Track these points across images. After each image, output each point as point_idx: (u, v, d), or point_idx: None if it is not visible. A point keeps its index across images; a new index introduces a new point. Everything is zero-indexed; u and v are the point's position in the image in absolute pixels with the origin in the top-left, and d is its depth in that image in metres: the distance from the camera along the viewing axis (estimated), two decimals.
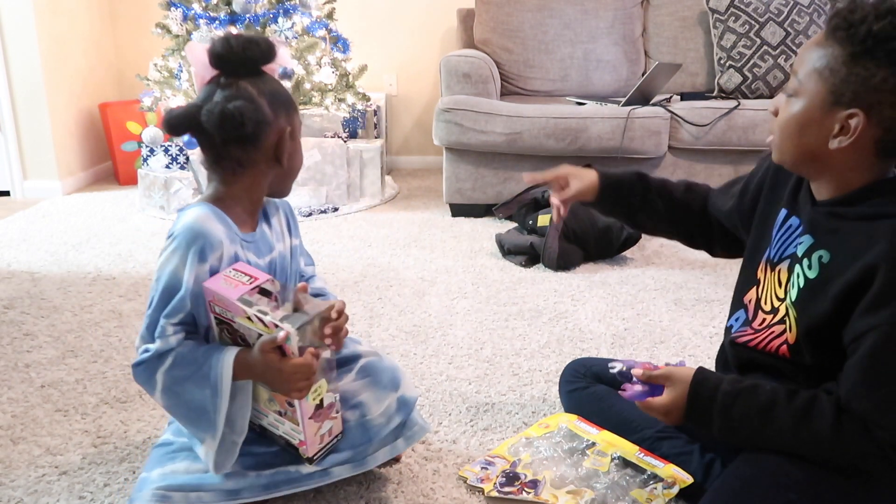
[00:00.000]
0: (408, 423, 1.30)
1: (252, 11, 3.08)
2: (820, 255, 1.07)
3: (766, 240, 1.21)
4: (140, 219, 3.11)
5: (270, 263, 1.26)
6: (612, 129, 2.93)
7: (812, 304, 1.07)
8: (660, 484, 1.23)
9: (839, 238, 1.05)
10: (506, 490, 1.27)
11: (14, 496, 1.30)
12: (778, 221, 1.19)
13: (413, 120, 4.17)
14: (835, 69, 0.99)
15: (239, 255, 1.18)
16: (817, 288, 1.06)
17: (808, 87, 1.03)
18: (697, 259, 2.59)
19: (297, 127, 1.22)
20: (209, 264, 1.12)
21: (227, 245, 1.14)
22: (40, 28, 3.38)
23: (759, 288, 1.20)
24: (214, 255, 1.13)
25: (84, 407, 1.59)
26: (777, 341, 1.14)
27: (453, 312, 2.12)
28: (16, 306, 2.15)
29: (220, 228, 1.14)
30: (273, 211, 1.30)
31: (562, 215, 1.40)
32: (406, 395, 1.30)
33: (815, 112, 1.02)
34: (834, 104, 1.00)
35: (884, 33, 0.95)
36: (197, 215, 1.13)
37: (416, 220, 3.11)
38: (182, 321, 1.13)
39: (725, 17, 3.37)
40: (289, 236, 1.33)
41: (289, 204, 1.36)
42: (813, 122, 1.03)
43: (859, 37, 0.97)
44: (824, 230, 1.08)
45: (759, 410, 1.07)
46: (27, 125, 3.46)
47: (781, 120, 1.07)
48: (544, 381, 1.71)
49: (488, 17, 3.60)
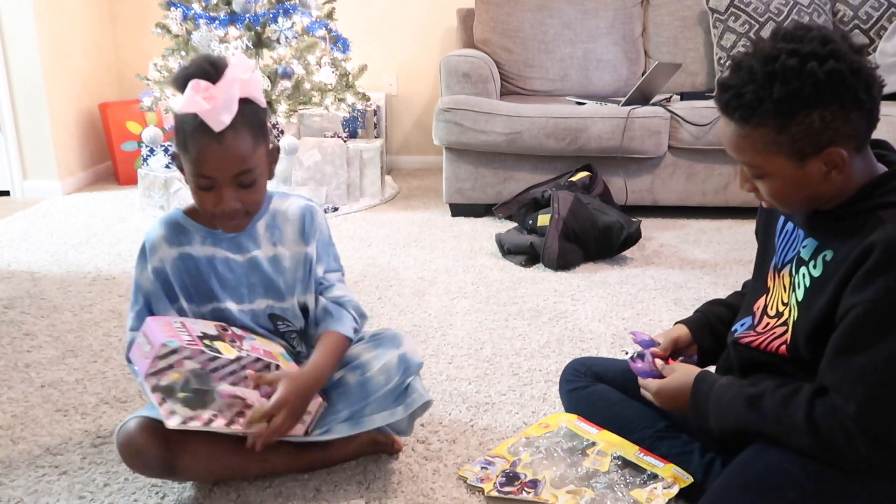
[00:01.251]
0: (408, 389, 1.31)
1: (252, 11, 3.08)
2: (825, 255, 1.08)
3: (771, 250, 1.22)
4: (140, 219, 3.11)
5: (249, 261, 1.31)
6: (612, 129, 2.93)
7: (815, 301, 1.07)
8: (660, 484, 1.23)
9: (842, 237, 1.06)
10: (506, 490, 1.27)
11: (14, 496, 1.30)
12: (777, 229, 1.21)
13: (413, 120, 4.17)
14: (776, 141, 1.00)
15: (210, 255, 1.29)
16: (821, 285, 1.07)
17: (767, 167, 1.04)
18: (697, 259, 2.59)
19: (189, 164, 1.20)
20: (150, 265, 1.28)
21: (166, 249, 1.28)
22: (40, 28, 3.38)
23: (767, 296, 1.21)
24: (155, 257, 1.28)
25: (84, 407, 1.59)
26: (777, 342, 1.15)
27: (453, 312, 2.12)
28: (16, 306, 2.15)
29: (163, 234, 1.28)
30: (270, 218, 1.32)
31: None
32: (407, 354, 1.33)
33: (794, 174, 1.03)
34: (803, 160, 1.01)
35: (786, 95, 0.97)
36: (152, 224, 1.31)
37: (416, 219, 3.11)
38: (138, 313, 1.28)
39: (725, 16, 3.37)
40: (299, 244, 1.33)
41: (310, 211, 1.35)
42: (800, 181, 1.04)
43: (771, 111, 0.98)
44: (827, 232, 1.09)
45: (747, 398, 1.09)
46: (27, 125, 3.46)
47: (771, 193, 1.07)
48: (544, 380, 1.71)
49: (488, 17, 3.60)
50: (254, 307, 1.33)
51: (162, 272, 1.28)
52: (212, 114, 1.14)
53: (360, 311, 1.39)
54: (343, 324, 1.34)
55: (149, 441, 1.19)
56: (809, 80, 0.96)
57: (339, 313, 1.35)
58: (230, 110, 1.15)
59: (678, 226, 3.00)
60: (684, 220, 3.07)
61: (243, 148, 1.17)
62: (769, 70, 0.98)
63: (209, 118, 1.14)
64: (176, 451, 1.21)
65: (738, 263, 2.53)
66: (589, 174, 2.89)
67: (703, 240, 2.82)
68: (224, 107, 1.14)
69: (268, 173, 1.26)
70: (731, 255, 2.63)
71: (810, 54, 0.96)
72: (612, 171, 3.02)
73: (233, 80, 1.16)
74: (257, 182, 1.22)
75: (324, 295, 1.37)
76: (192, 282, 1.30)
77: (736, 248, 2.70)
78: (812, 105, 0.97)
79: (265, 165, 1.24)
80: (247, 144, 1.18)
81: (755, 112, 0.99)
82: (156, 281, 1.27)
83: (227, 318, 1.31)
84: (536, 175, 3.04)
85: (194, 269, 1.29)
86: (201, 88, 1.14)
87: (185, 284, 1.29)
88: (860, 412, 0.98)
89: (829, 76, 0.96)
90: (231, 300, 1.31)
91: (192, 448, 1.22)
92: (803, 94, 0.96)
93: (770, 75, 0.98)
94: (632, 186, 3.06)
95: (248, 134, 1.18)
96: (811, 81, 0.96)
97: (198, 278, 1.29)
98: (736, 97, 1.01)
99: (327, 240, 1.39)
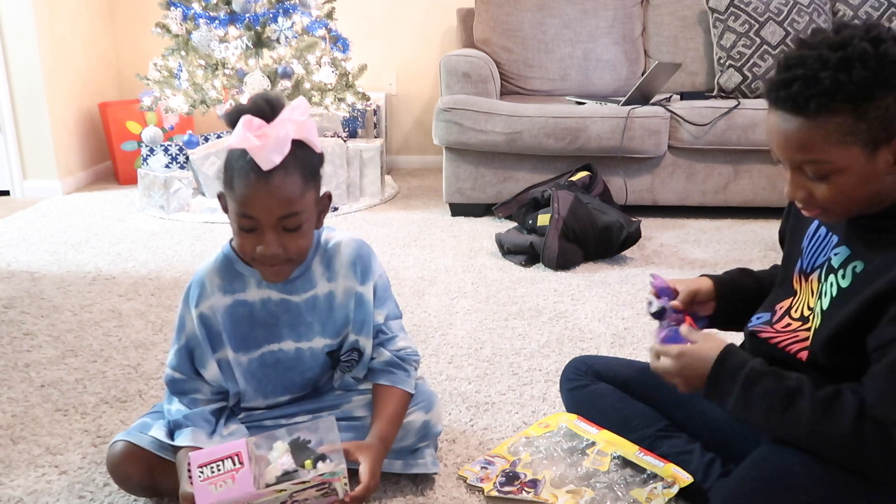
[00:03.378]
0: (417, 452, 1.32)
1: (252, 11, 3.08)
2: (854, 266, 1.06)
3: (797, 252, 1.20)
4: (140, 218, 3.11)
5: (306, 301, 1.28)
6: (612, 129, 2.93)
7: (840, 311, 1.06)
8: (659, 483, 1.23)
9: (875, 249, 1.05)
10: (505, 490, 1.27)
11: (14, 496, 1.30)
12: (809, 233, 1.19)
13: (413, 119, 4.17)
14: (853, 129, 0.97)
15: (265, 297, 1.26)
16: (848, 297, 1.05)
17: (840, 161, 0.99)
18: (697, 259, 2.59)
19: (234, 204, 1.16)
20: (198, 310, 1.24)
21: (219, 297, 1.24)
22: (40, 28, 3.38)
23: (794, 298, 1.19)
24: (205, 304, 1.24)
25: (84, 406, 1.59)
26: (798, 346, 1.13)
27: (453, 312, 2.12)
28: (15, 306, 2.15)
29: (217, 282, 1.24)
30: (323, 254, 1.28)
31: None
32: (431, 422, 1.34)
33: (865, 168, 1.00)
34: (875, 149, 0.98)
35: (866, 76, 0.95)
36: (206, 264, 1.26)
37: (416, 219, 3.11)
38: (178, 351, 1.25)
39: (725, 16, 3.37)
40: (350, 279, 1.29)
41: (366, 250, 1.31)
42: (869, 176, 1.00)
43: (852, 94, 0.96)
44: (862, 242, 1.07)
45: (783, 393, 1.04)
46: (27, 125, 3.46)
47: (833, 196, 1.03)
48: (544, 380, 1.71)
49: (488, 17, 3.60)
50: (312, 345, 1.30)
51: (209, 320, 1.24)
52: (262, 151, 1.09)
53: (418, 359, 1.37)
54: (407, 382, 1.32)
55: (132, 467, 1.23)
56: (887, 61, 0.95)
57: (403, 369, 1.33)
58: (281, 150, 1.09)
59: (678, 226, 3.00)
60: (684, 220, 3.07)
61: (291, 190, 1.11)
62: (843, 55, 0.95)
63: (259, 156, 1.09)
64: (158, 477, 1.23)
65: (738, 263, 2.52)
66: (589, 174, 2.89)
67: (703, 239, 2.82)
68: (275, 146, 1.09)
69: (315, 221, 1.21)
70: (730, 254, 2.63)
71: (874, 38, 0.96)
72: (611, 171, 3.02)
73: (287, 121, 1.11)
74: (303, 228, 1.16)
75: (386, 347, 1.33)
76: (244, 328, 1.26)
77: (736, 248, 2.70)
78: (889, 87, 0.95)
79: (313, 212, 1.19)
80: (295, 187, 1.12)
81: (834, 98, 0.96)
82: (201, 327, 1.23)
83: (280, 360, 1.29)
84: (536, 175, 3.04)
85: (247, 315, 1.26)
86: (254, 126, 1.10)
87: (236, 332, 1.26)
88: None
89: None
90: (289, 339, 1.28)
91: (173, 473, 1.21)
92: (883, 76, 0.95)
93: (845, 60, 0.95)
94: (632, 186, 3.06)
95: (297, 176, 1.12)
96: (889, 62, 0.95)
97: (251, 323, 1.26)
98: (808, 86, 0.97)
99: (386, 283, 1.35)
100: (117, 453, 1.23)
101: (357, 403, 1.35)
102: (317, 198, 1.20)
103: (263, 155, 1.09)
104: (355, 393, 1.37)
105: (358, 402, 1.35)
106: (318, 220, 1.23)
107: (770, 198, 3.06)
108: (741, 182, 3.04)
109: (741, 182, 3.04)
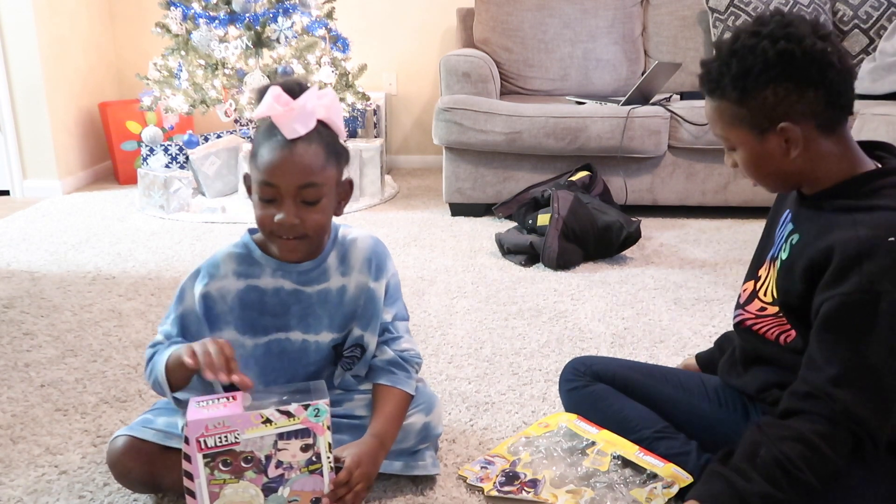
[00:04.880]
0: (417, 454, 1.32)
1: (252, 11, 3.08)
2: (792, 238, 1.14)
3: (771, 241, 1.25)
4: (140, 218, 3.11)
5: (318, 293, 1.29)
6: (612, 129, 2.93)
7: (786, 283, 1.13)
8: (659, 483, 1.23)
9: (813, 223, 1.11)
10: (505, 489, 1.27)
11: (14, 495, 1.30)
12: (780, 222, 1.23)
13: (413, 119, 4.17)
14: (738, 114, 1.10)
15: (278, 286, 1.27)
16: (789, 268, 1.12)
17: (733, 137, 1.13)
18: (697, 259, 2.59)
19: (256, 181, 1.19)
20: (206, 289, 1.24)
21: (232, 280, 1.25)
22: (40, 28, 3.38)
23: (757, 283, 1.24)
24: (215, 284, 1.25)
25: (84, 406, 1.59)
26: (780, 328, 1.17)
27: (453, 312, 2.12)
28: (15, 305, 2.15)
29: (233, 267, 1.25)
30: (340, 248, 1.30)
31: None
32: (432, 423, 1.34)
33: (756, 148, 1.11)
34: (762, 133, 1.10)
35: (741, 71, 1.07)
36: (225, 248, 1.28)
37: (416, 219, 3.11)
38: (175, 320, 1.25)
39: (725, 16, 3.37)
40: (364, 274, 1.30)
41: (383, 249, 1.33)
42: (762, 155, 1.12)
43: (730, 85, 1.08)
44: (805, 218, 1.14)
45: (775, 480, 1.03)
46: (27, 125, 3.46)
47: (742, 168, 1.16)
48: (544, 380, 1.71)
49: (488, 17, 3.60)
50: (319, 339, 1.31)
51: (212, 301, 1.25)
52: (286, 119, 1.13)
53: (420, 362, 1.38)
54: (408, 383, 1.32)
55: (133, 462, 1.22)
56: (761, 58, 1.05)
57: (404, 370, 1.33)
58: (305, 122, 1.13)
59: (678, 225, 3.00)
60: (684, 220, 3.07)
61: (312, 160, 1.14)
62: (731, 48, 1.08)
63: (282, 123, 1.13)
64: (160, 471, 1.23)
65: (738, 263, 2.53)
66: (589, 174, 2.90)
67: (703, 239, 2.82)
68: (300, 116, 1.13)
69: (335, 201, 1.23)
70: (730, 254, 2.63)
71: (767, 35, 1.05)
72: (611, 171, 3.02)
73: (314, 96, 1.15)
74: (321, 203, 1.18)
75: (390, 346, 1.34)
76: (254, 314, 1.27)
77: (736, 248, 2.70)
78: (764, 81, 1.06)
79: (333, 191, 1.20)
80: (317, 159, 1.15)
81: (718, 86, 1.10)
82: (202, 304, 1.24)
83: (285, 350, 1.30)
84: (536, 175, 3.04)
85: (258, 301, 1.27)
86: (280, 97, 1.14)
87: (245, 316, 1.27)
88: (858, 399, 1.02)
89: (779, 55, 1.04)
90: (297, 330, 1.29)
91: (175, 467, 1.21)
92: (755, 71, 1.06)
93: (731, 53, 1.08)
94: (631, 186, 3.06)
95: (320, 150, 1.16)
96: (762, 59, 1.05)
97: (260, 310, 1.27)
98: (706, 73, 1.12)
99: (398, 284, 1.37)
100: (118, 448, 1.23)
101: (358, 403, 1.35)
102: (338, 179, 1.22)
103: (287, 123, 1.13)
104: (356, 392, 1.38)
105: (359, 402, 1.35)
106: (339, 206, 1.25)
107: (770, 197, 2.98)
108: (741, 182, 3.04)
109: (741, 182, 3.04)
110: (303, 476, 1.12)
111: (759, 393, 1.22)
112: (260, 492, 1.10)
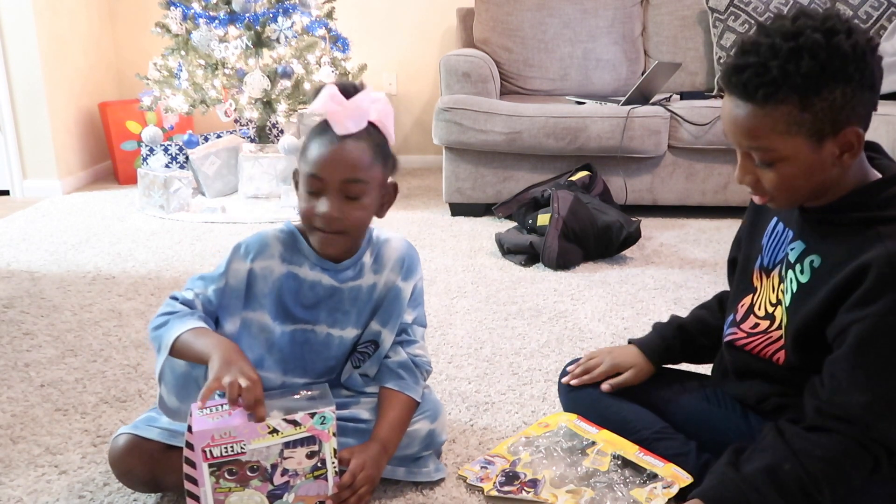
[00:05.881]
0: (420, 461, 1.32)
1: (251, 11, 3.08)
2: (811, 260, 1.08)
3: (757, 249, 1.22)
4: (139, 218, 3.11)
5: (350, 290, 1.30)
6: (612, 129, 2.93)
7: (802, 307, 1.07)
8: (659, 483, 1.23)
9: (830, 243, 1.06)
10: (505, 489, 1.27)
11: (14, 495, 1.30)
12: (768, 230, 1.20)
13: (413, 119, 4.17)
14: (798, 120, 0.97)
15: (315, 280, 1.28)
16: (809, 291, 1.07)
17: (785, 149, 1.00)
18: (697, 259, 2.59)
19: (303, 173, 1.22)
20: (252, 265, 1.25)
21: (277, 263, 1.26)
22: (40, 28, 3.38)
23: (754, 295, 1.21)
24: (261, 263, 1.25)
25: (84, 406, 1.59)
26: (773, 347, 1.15)
27: (453, 311, 2.12)
28: (15, 305, 2.15)
29: (280, 250, 1.26)
30: (375, 248, 1.32)
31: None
32: (436, 431, 1.34)
33: (810, 158, 1.00)
34: (821, 140, 0.99)
35: (814, 68, 0.95)
36: (272, 228, 1.29)
37: (416, 219, 3.10)
38: (215, 291, 1.24)
39: (725, 16, 3.37)
40: (395, 273, 1.32)
41: (416, 253, 1.37)
42: (814, 165, 1.01)
43: (798, 85, 0.96)
44: (816, 236, 1.09)
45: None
46: (27, 124, 3.46)
47: (780, 181, 1.04)
48: (544, 380, 1.71)
49: (488, 17, 3.60)
50: (343, 334, 1.32)
51: (256, 278, 1.25)
52: (338, 116, 1.16)
53: (430, 370, 1.40)
54: (415, 389, 1.33)
55: (135, 460, 1.22)
56: (837, 54, 0.94)
57: (413, 375, 1.34)
58: (357, 121, 1.17)
59: (678, 225, 3.00)
60: (684, 220, 3.07)
61: (359, 156, 1.18)
62: (794, 45, 0.95)
63: (335, 120, 1.17)
64: (162, 470, 1.23)
65: None
66: (589, 174, 2.90)
67: (703, 239, 2.82)
68: (352, 114, 1.17)
69: (378, 202, 1.25)
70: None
71: (833, 29, 0.95)
72: (611, 171, 3.02)
73: (368, 99, 1.19)
74: (364, 200, 1.20)
75: (405, 347, 1.36)
76: (288, 301, 1.28)
77: None
78: (837, 80, 0.95)
79: (377, 189, 1.23)
80: (364, 155, 1.18)
81: (780, 88, 0.96)
82: (247, 281, 1.25)
83: (309, 341, 1.30)
84: (536, 175, 3.05)
85: (295, 290, 1.28)
86: (336, 95, 1.17)
87: (279, 301, 1.27)
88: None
89: (853, 50, 0.95)
90: (323, 323, 1.30)
91: (176, 467, 1.22)
92: (831, 68, 0.95)
93: (795, 50, 0.95)
94: (631, 186, 3.06)
95: (368, 148, 1.19)
96: (839, 55, 0.94)
97: (294, 299, 1.28)
98: (758, 74, 0.97)
99: (422, 290, 1.40)
100: (120, 446, 1.23)
101: (364, 406, 1.35)
102: (383, 181, 1.25)
103: (339, 121, 1.17)
104: (363, 395, 1.37)
105: (365, 406, 1.35)
106: (381, 208, 1.28)
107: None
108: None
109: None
110: (308, 482, 1.12)
111: (759, 403, 1.21)
112: (265, 499, 1.10)
